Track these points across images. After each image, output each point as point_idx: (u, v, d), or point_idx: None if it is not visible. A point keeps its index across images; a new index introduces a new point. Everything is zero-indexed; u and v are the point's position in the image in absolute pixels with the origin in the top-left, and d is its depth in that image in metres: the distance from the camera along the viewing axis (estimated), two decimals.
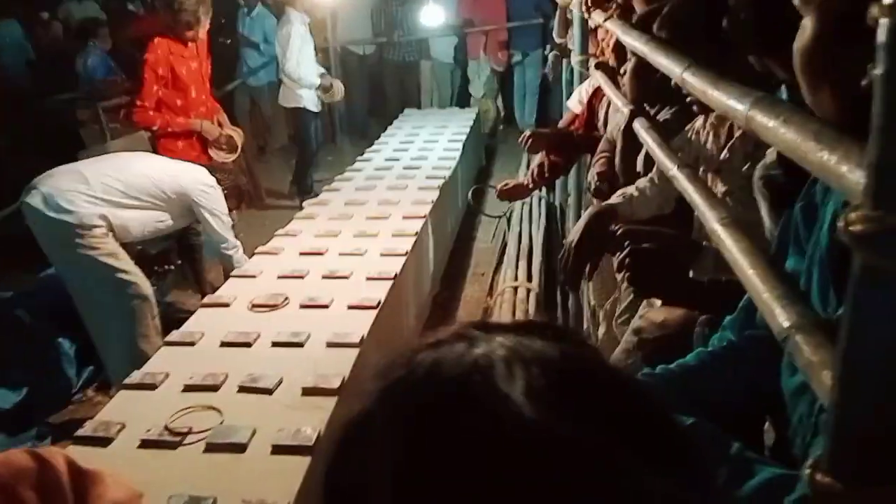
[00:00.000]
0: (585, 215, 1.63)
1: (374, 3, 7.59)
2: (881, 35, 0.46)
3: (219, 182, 3.26)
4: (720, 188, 1.46)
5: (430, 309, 3.64)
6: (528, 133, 2.51)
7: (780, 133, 0.71)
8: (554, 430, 0.36)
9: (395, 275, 2.74)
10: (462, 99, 7.85)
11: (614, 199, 1.73)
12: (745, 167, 1.35)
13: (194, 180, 3.10)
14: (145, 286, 2.94)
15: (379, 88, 8.12)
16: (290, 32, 5.35)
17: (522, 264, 3.86)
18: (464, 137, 5.21)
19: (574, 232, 1.59)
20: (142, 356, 2.38)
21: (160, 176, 3.02)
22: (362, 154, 4.88)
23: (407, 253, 2.97)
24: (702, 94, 0.97)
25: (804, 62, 0.73)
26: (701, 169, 1.56)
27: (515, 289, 3.54)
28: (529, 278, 3.70)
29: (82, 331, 2.99)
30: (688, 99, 1.42)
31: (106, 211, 2.86)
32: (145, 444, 1.74)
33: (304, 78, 5.47)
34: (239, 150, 3.74)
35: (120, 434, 1.77)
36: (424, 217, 3.42)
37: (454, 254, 4.50)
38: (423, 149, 4.89)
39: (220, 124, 4.02)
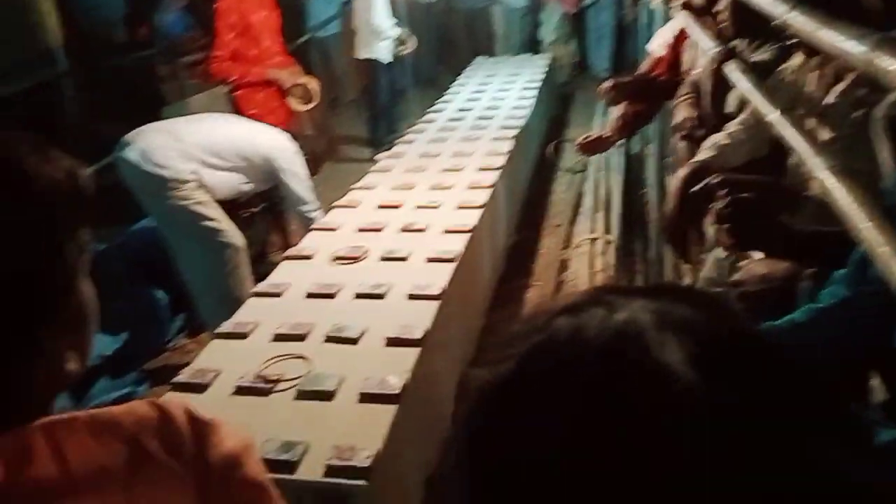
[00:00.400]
0: (676, 178, 1.57)
1: None
2: None
3: (300, 147, 3.31)
4: (824, 134, 1.38)
5: (505, 261, 3.63)
6: (607, 83, 2.41)
7: None
8: (716, 397, 0.35)
9: (472, 227, 2.74)
10: (535, 45, 7.64)
11: (704, 152, 1.66)
12: (856, 113, 1.27)
13: (278, 145, 3.16)
14: (236, 236, 3.04)
15: (448, 37, 7.99)
16: None
17: (600, 216, 3.78)
18: (538, 86, 5.09)
19: (668, 198, 1.54)
20: (234, 304, 2.47)
21: (246, 140, 3.09)
22: (433, 105, 4.85)
23: (483, 205, 2.96)
24: (811, 36, 0.90)
25: None
26: (799, 113, 1.48)
27: (593, 240, 3.49)
28: (608, 230, 3.63)
29: (174, 281, 3.13)
30: (793, 41, 1.33)
31: (197, 167, 2.95)
32: (239, 390, 1.82)
33: (385, 29, 5.42)
34: (315, 99, 3.76)
35: (215, 381, 1.86)
36: (499, 169, 3.38)
37: (529, 205, 4.45)
38: (496, 98, 4.81)
39: (296, 75, 4.05)
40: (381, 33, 5.48)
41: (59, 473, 0.55)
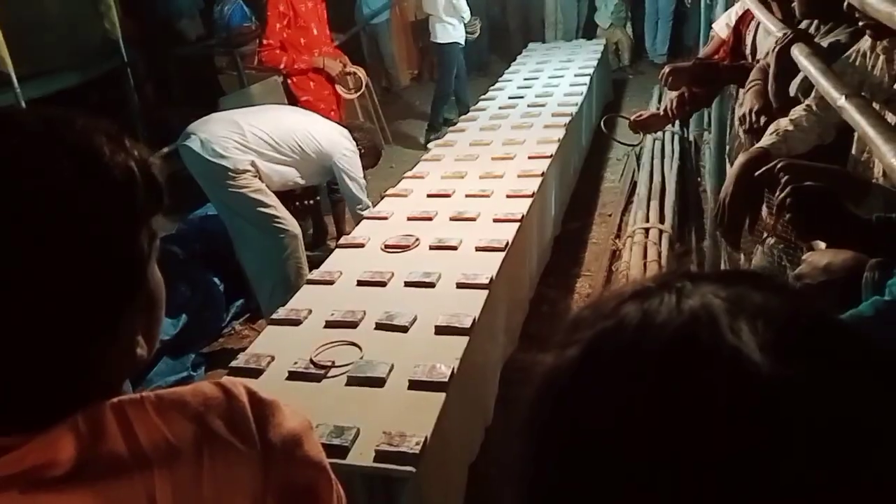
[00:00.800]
0: (737, 164, 1.52)
1: None
2: None
3: (357, 141, 3.33)
4: (892, 120, 1.31)
5: (554, 250, 3.60)
6: (667, 68, 2.34)
7: None
8: (791, 384, 0.34)
9: (522, 216, 2.72)
10: (589, 30, 7.52)
11: (767, 138, 1.60)
12: None
13: (336, 143, 3.19)
14: (293, 224, 3.09)
15: (501, 23, 7.93)
16: None
17: (654, 204, 3.70)
18: (590, 72, 5.02)
19: (727, 184, 1.49)
20: (290, 290, 2.52)
21: (305, 135, 3.13)
22: (485, 92, 4.82)
23: (533, 194, 2.93)
24: (888, 16, 0.86)
25: None
26: (868, 97, 1.41)
27: (646, 230, 3.42)
28: (661, 219, 3.55)
29: (231, 267, 3.20)
30: (860, 24, 1.27)
31: (255, 158, 3.01)
32: (292, 375, 1.86)
33: (463, 11, 5.50)
34: (363, 86, 3.80)
35: (270, 366, 1.90)
36: (550, 157, 3.35)
37: (580, 194, 4.40)
38: (548, 85, 4.76)
39: (342, 63, 4.10)
40: (459, 16, 5.53)
41: (131, 450, 0.58)
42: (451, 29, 5.60)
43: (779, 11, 1.89)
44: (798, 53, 1.51)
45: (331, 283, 2.35)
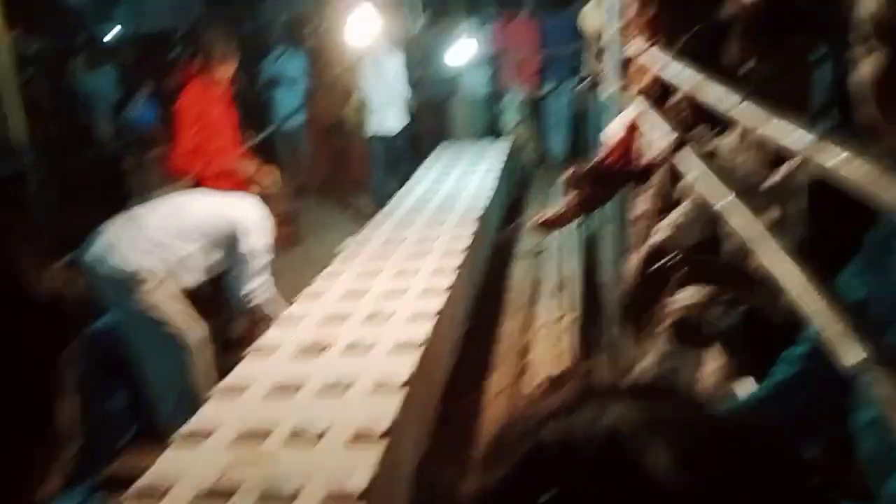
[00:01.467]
0: (636, 259, 1.59)
1: (405, 39, 7.69)
2: None
3: (271, 209, 3.30)
4: (774, 212, 1.41)
5: (466, 346, 3.60)
6: (568, 172, 2.49)
7: (850, 169, 0.67)
8: (705, 497, 0.36)
9: (438, 312, 2.72)
10: (496, 130, 7.87)
11: (659, 233, 1.69)
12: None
13: (245, 209, 3.14)
14: (199, 334, 2.97)
15: (412, 123, 8.19)
16: (396, 63, 6.13)
17: (561, 296, 3.80)
18: (499, 169, 5.22)
19: (628, 277, 1.56)
20: (195, 405, 2.39)
21: (210, 212, 3.07)
22: (398, 192, 4.91)
23: (448, 289, 2.95)
24: (760, 126, 0.94)
25: (876, 90, 0.72)
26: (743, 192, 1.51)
27: (555, 322, 3.48)
28: (568, 311, 3.63)
29: (133, 382, 3.02)
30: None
31: (160, 258, 2.91)
32: (198, 497, 1.73)
33: (397, 101, 6.14)
34: (276, 187, 3.79)
35: (172, 489, 1.77)
36: (464, 252, 3.41)
37: (490, 288, 4.46)
38: (460, 181, 4.90)
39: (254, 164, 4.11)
40: (393, 106, 6.04)
41: None
42: (386, 121, 6.03)
43: (666, 116, 2.04)
44: (685, 157, 1.62)
45: (240, 392, 2.24)
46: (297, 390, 2.21)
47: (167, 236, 2.95)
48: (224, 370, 2.46)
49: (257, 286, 3.09)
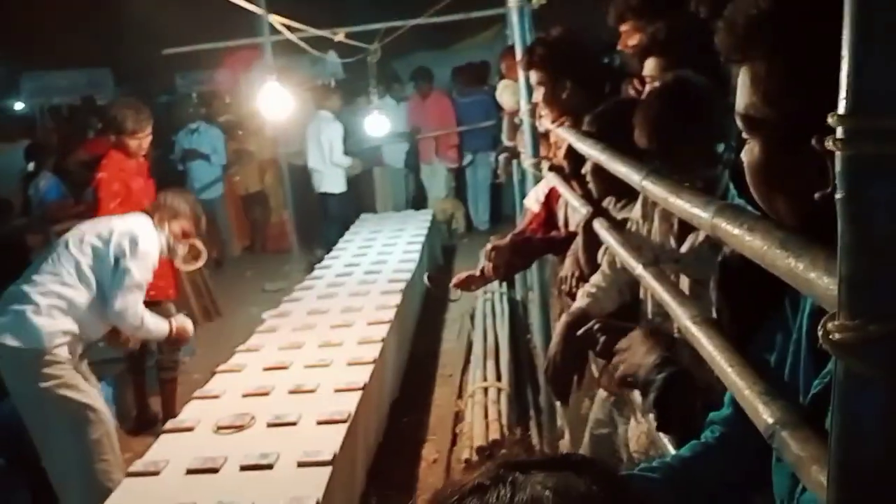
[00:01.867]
0: (559, 325, 1.65)
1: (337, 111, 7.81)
2: (838, 164, 0.50)
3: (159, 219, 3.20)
4: (685, 280, 1.50)
5: (398, 415, 3.56)
6: (489, 246, 2.58)
7: (747, 241, 0.74)
8: None
9: (364, 384, 2.69)
10: (416, 202, 8.00)
11: (580, 300, 1.76)
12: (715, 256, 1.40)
13: (125, 229, 2.98)
14: (107, 419, 2.82)
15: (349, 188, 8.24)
16: (336, 128, 6.69)
17: (490, 364, 3.83)
18: (422, 239, 5.29)
19: (553, 345, 1.61)
20: (104, 493, 2.25)
21: (95, 236, 2.94)
22: (321, 261, 4.89)
23: (374, 360, 2.94)
24: (663, 201, 1.02)
25: (756, 179, 0.77)
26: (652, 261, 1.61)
27: (486, 389, 3.50)
28: (499, 377, 3.67)
29: (36, 468, 2.81)
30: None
31: (59, 311, 2.75)
32: None
33: (342, 163, 6.74)
34: (203, 258, 3.67)
35: None
36: (389, 322, 3.40)
37: (420, 355, 4.46)
38: (382, 253, 4.93)
39: None
40: (339, 168, 6.67)
41: None
42: (339, 179, 6.74)
43: (579, 189, 2.15)
44: (599, 227, 1.71)
45: (155, 473, 2.13)
46: (219, 469, 2.12)
47: (55, 281, 2.80)
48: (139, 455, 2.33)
49: (121, 313, 2.90)
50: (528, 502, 0.41)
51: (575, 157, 2.08)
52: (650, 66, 1.82)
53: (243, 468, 2.13)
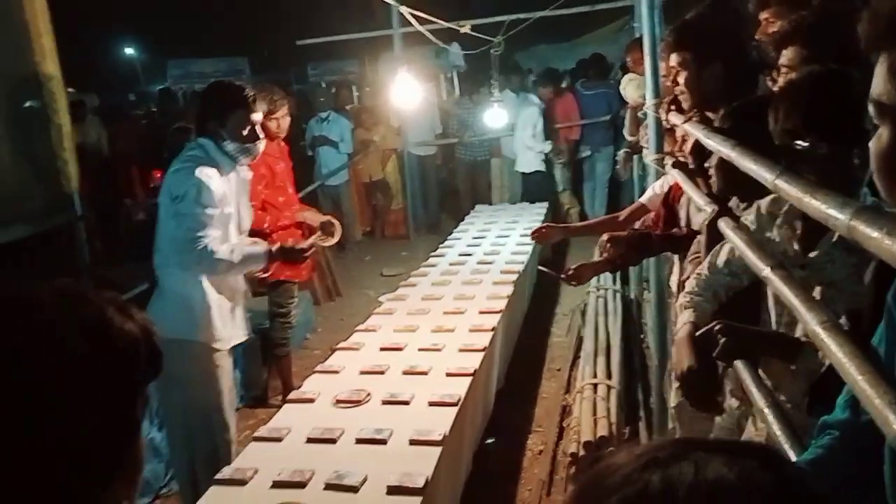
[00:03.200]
0: (681, 343, 1.64)
1: (446, 106, 7.95)
2: None
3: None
4: (816, 285, 1.44)
5: (505, 405, 3.60)
6: (606, 237, 2.54)
7: (886, 244, 0.72)
8: None
9: (475, 371, 2.75)
10: (531, 195, 7.98)
11: (683, 315, 1.74)
12: (852, 259, 1.34)
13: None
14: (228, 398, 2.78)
15: (451, 186, 8.37)
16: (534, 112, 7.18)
17: (601, 360, 3.79)
18: None
19: (680, 361, 1.60)
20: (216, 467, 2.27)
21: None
22: (436, 249, 5.00)
23: (485, 348, 2.98)
24: (797, 201, 0.99)
25: (882, 165, 0.76)
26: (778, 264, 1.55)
27: (595, 386, 3.48)
28: (609, 375, 3.62)
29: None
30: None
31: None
32: None
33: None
34: (338, 235, 3.79)
35: None
36: (500, 311, 3.44)
37: (529, 349, 4.47)
38: (496, 244, 4.96)
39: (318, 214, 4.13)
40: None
41: None
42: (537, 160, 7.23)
43: (704, 187, 2.09)
44: (724, 226, 1.66)
45: (279, 440, 2.29)
46: (336, 440, 2.25)
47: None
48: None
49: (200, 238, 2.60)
50: (713, 484, 0.41)
51: (701, 154, 2.02)
52: (789, 55, 1.74)
53: (359, 441, 2.24)
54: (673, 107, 2.50)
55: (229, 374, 2.80)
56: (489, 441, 2.61)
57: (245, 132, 2.68)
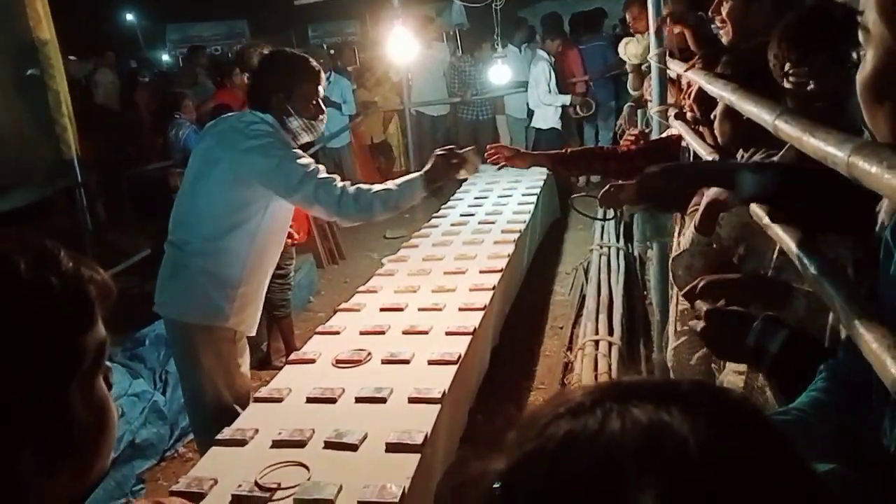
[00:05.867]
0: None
1: (448, 64, 7.82)
2: None
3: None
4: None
5: (506, 363, 3.60)
6: (607, 187, 2.47)
7: (885, 178, 0.69)
8: None
9: (474, 329, 2.74)
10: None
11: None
12: None
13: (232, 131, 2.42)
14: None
15: (454, 146, 8.29)
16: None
17: (603, 318, 3.78)
18: (537, 191, 5.23)
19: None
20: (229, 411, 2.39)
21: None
22: (437, 210, 4.96)
23: (485, 307, 2.97)
24: (797, 141, 0.95)
25: (865, 89, 0.76)
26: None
27: (597, 342, 3.47)
28: (610, 332, 3.61)
29: (176, 388, 3.09)
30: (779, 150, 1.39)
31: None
32: (236, 499, 1.78)
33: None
34: None
35: (213, 489, 1.82)
36: (501, 271, 3.42)
37: (532, 307, 4.46)
38: (498, 203, 4.92)
39: None
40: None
41: None
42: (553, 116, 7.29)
43: (710, 137, 2.04)
44: None
45: (279, 400, 2.29)
46: (336, 400, 2.25)
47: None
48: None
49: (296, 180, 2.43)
50: (608, 442, 0.38)
51: (705, 103, 1.97)
52: None
53: (358, 400, 2.24)
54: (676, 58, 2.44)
55: (247, 355, 2.64)
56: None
57: (312, 106, 2.46)
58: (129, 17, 19.61)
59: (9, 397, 0.54)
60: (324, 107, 2.51)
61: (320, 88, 2.48)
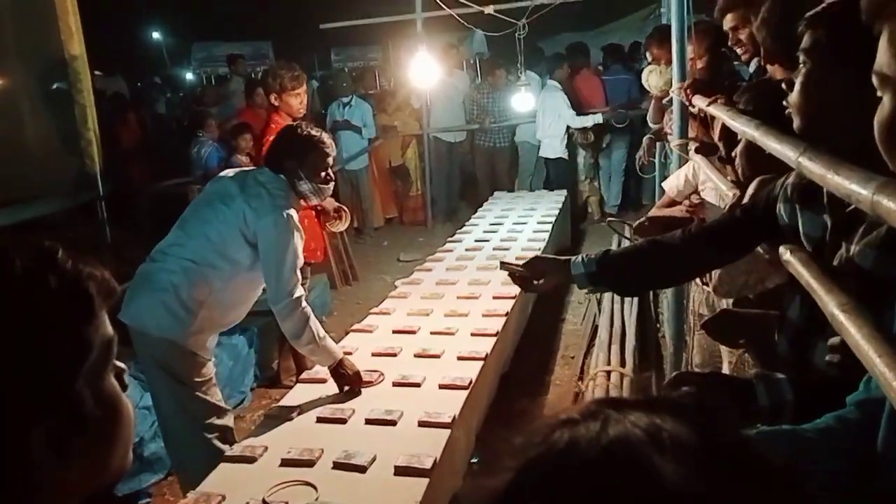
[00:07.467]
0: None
1: (467, 92, 7.89)
2: None
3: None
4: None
5: (516, 392, 3.57)
6: (643, 219, 2.51)
7: None
8: None
9: (486, 355, 2.73)
10: (550, 182, 7.91)
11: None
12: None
13: (264, 209, 2.50)
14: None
15: (469, 173, 8.32)
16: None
17: (615, 348, 3.75)
18: (552, 220, 5.24)
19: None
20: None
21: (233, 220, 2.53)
22: (453, 235, 4.97)
23: (497, 333, 2.97)
24: (820, 178, 0.95)
25: (885, 135, 0.76)
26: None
27: (608, 373, 3.44)
28: (623, 362, 3.59)
29: None
30: None
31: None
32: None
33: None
34: (348, 220, 3.77)
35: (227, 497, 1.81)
36: (514, 297, 3.42)
37: (543, 336, 4.44)
38: (512, 230, 4.93)
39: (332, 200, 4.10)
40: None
41: None
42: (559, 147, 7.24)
43: (732, 173, 2.04)
44: None
45: (289, 419, 2.29)
46: (346, 420, 2.25)
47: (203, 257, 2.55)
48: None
49: (282, 303, 2.56)
50: (615, 440, 0.41)
51: (730, 139, 1.97)
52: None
53: (368, 421, 2.24)
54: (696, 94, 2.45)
55: (216, 388, 2.62)
56: (474, 460, 2.57)
57: (323, 174, 2.63)
58: (156, 35, 20.02)
59: (14, 379, 0.55)
60: (331, 175, 2.67)
61: (329, 160, 2.64)
